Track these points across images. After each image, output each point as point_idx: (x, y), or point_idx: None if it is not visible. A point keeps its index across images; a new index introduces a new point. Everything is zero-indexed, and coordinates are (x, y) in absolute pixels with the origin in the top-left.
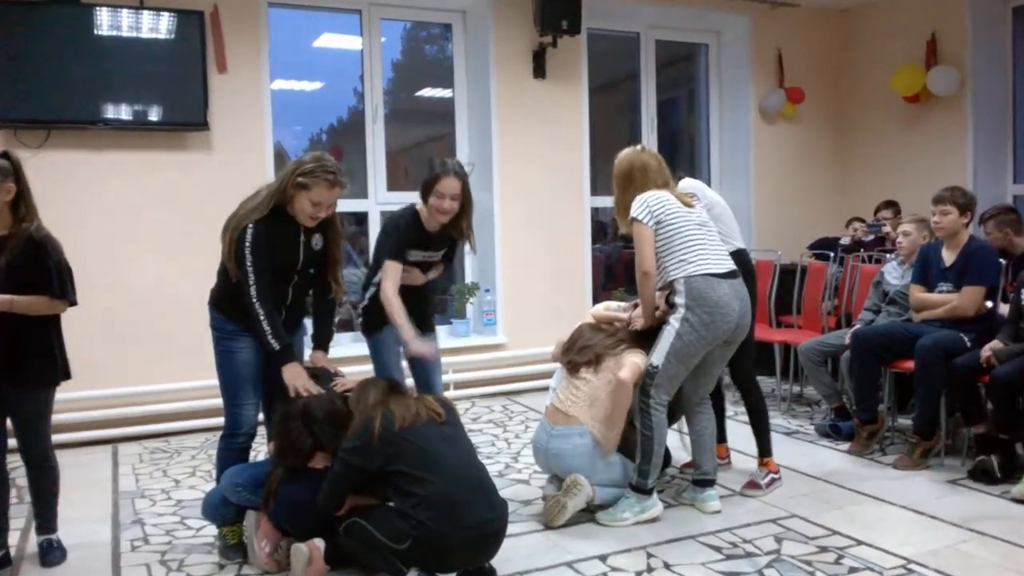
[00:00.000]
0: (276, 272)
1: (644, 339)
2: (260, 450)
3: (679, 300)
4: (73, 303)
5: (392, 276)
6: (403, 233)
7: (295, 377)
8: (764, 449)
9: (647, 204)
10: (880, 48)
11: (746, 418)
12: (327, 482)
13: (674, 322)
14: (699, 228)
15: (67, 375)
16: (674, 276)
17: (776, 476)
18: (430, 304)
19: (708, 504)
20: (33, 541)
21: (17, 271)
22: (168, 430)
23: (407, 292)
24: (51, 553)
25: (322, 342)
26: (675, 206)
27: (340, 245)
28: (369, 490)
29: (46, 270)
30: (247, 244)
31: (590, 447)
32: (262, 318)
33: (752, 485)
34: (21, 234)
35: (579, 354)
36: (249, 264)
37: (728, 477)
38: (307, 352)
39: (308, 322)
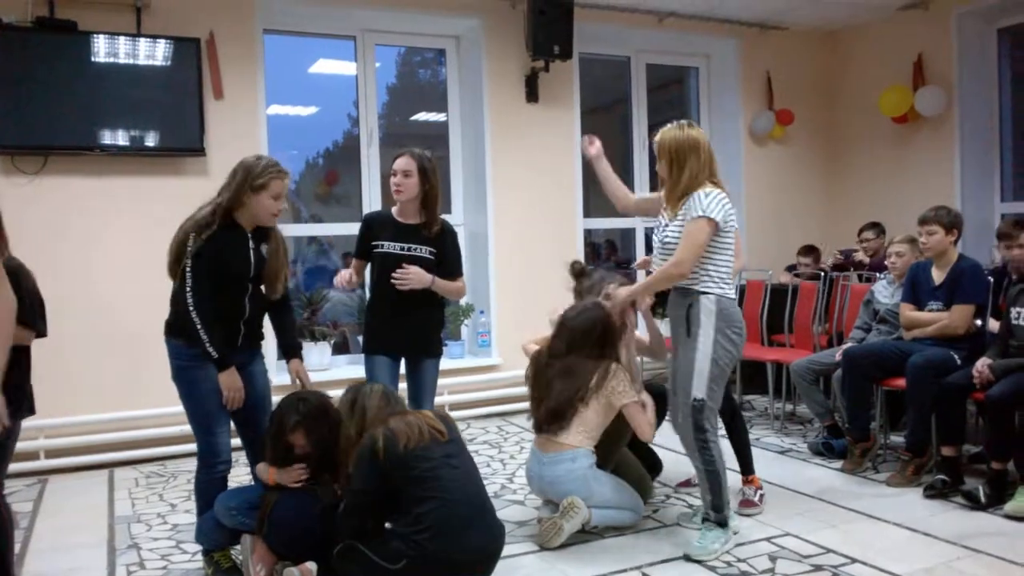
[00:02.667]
0: (231, 284)
1: (600, 345)
2: (244, 479)
3: (705, 318)
4: (42, 334)
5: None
6: (364, 228)
7: (231, 385)
8: (748, 466)
9: (723, 207)
10: (868, 69)
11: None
12: (344, 517)
13: (704, 347)
14: (733, 246)
15: (32, 410)
16: (707, 290)
17: (762, 492)
18: (431, 327)
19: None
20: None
21: None
22: (164, 454)
23: (407, 309)
24: None
25: (293, 351)
26: (733, 214)
27: (284, 256)
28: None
29: (19, 300)
30: (189, 248)
31: (583, 470)
32: (199, 327)
33: (748, 504)
34: None
35: (554, 420)
36: (188, 270)
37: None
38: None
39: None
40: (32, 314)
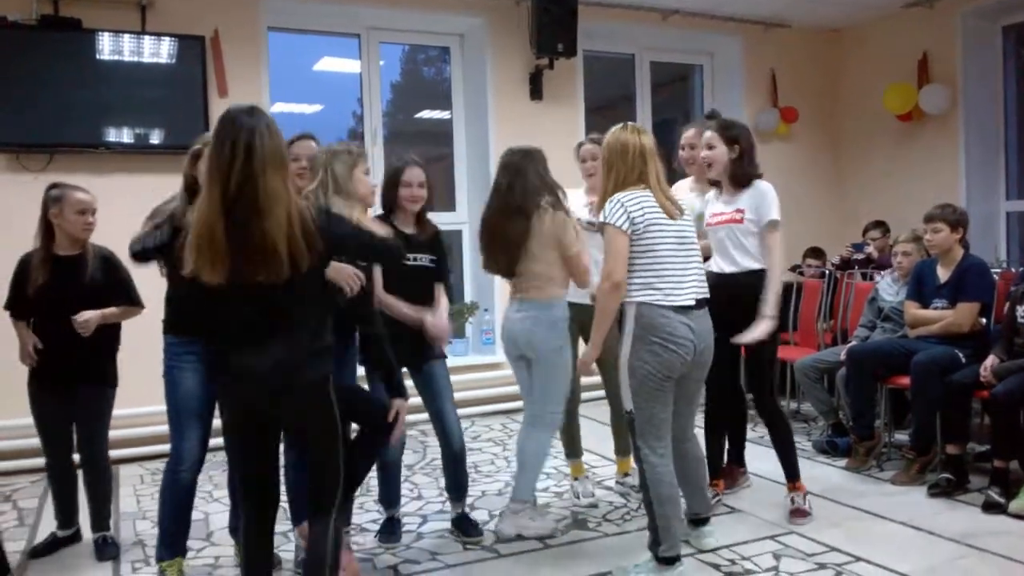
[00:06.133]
0: None
1: None
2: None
3: (627, 327)
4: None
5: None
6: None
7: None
8: (792, 472)
9: (624, 206)
10: (872, 67)
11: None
12: None
13: (623, 356)
14: (677, 246)
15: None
16: (630, 299)
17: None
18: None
19: (703, 541)
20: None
21: (98, 286)
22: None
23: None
24: (106, 549)
25: None
26: (655, 215)
27: None
28: None
29: (123, 281)
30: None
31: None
32: (139, 247)
33: (800, 513)
34: (88, 251)
35: None
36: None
37: (742, 498)
38: None
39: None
40: (136, 293)
